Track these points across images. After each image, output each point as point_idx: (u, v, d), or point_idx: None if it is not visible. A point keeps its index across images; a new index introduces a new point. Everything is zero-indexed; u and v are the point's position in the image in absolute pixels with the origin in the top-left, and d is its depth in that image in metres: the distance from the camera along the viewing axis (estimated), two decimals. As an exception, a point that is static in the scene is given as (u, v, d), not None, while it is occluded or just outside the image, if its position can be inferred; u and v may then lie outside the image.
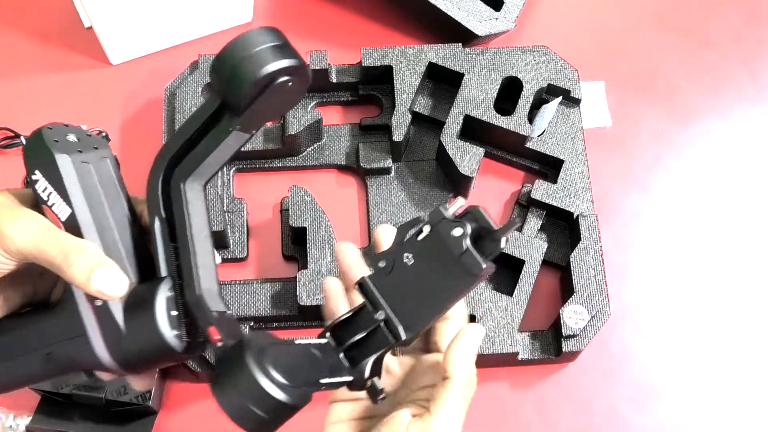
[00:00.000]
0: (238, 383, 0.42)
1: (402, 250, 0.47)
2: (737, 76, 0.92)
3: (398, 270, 0.47)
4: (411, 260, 0.47)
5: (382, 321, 0.47)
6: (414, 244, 0.47)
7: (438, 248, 0.46)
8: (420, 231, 0.47)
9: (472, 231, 0.45)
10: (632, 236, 0.84)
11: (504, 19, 0.89)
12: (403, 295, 0.47)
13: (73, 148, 0.45)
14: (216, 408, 0.77)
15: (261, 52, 0.42)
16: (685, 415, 0.78)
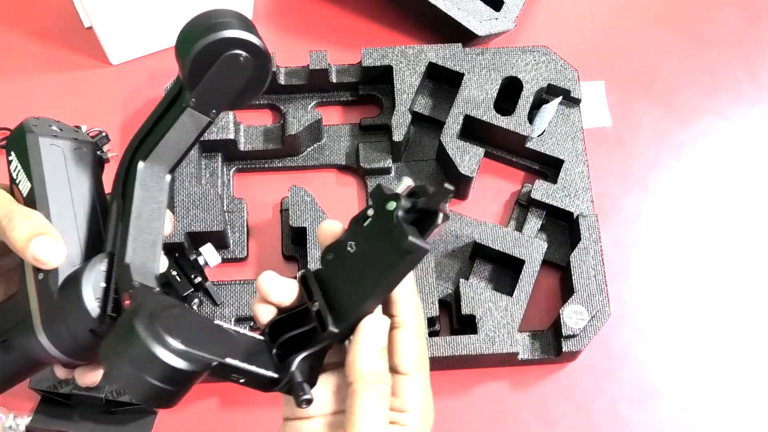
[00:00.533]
0: (127, 350, 0.38)
1: (347, 239, 0.44)
2: (737, 76, 0.92)
3: (341, 260, 0.44)
4: (353, 248, 0.43)
5: (315, 313, 0.43)
6: (357, 232, 0.43)
7: (376, 230, 0.42)
8: (366, 217, 0.43)
9: (410, 205, 0.41)
10: (632, 236, 0.84)
11: (504, 19, 0.89)
12: (341, 286, 0.43)
13: (48, 133, 0.46)
14: (216, 408, 0.77)
15: (214, 24, 0.42)
16: (685, 415, 0.78)
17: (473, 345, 0.74)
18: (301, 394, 0.42)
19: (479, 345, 0.74)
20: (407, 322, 0.45)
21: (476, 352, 0.74)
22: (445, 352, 0.74)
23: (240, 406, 0.77)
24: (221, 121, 0.81)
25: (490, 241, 0.78)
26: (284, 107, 0.87)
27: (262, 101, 0.88)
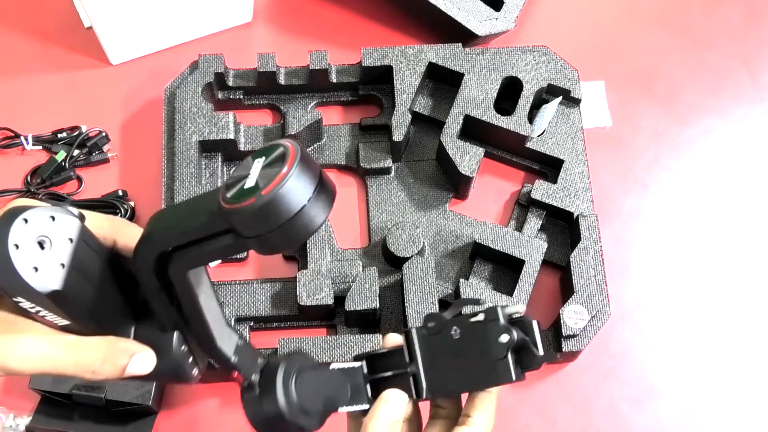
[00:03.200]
0: (263, 400, 0.50)
1: (453, 322, 0.50)
2: (737, 76, 0.92)
3: (443, 337, 0.50)
4: (457, 335, 0.50)
5: (411, 374, 0.51)
6: (464, 323, 0.50)
7: (483, 340, 0.49)
8: (475, 314, 0.50)
9: (516, 342, 0.48)
10: (632, 236, 0.84)
11: (504, 19, 0.89)
12: (438, 360, 0.51)
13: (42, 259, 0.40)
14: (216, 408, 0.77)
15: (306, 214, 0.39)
16: (685, 415, 0.78)
17: (473, 345, 0.74)
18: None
19: (479, 345, 0.74)
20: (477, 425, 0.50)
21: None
22: (445, 352, 0.74)
23: (240, 406, 0.77)
24: (221, 121, 0.81)
25: (490, 241, 0.78)
26: (284, 107, 0.87)
27: (262, 101, 0.88)
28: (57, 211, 0.41)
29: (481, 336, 0.49)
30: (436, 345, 0.51)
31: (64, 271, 0.40)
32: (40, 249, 0.40)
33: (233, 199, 0.37)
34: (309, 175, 0.38)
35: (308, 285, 0.76)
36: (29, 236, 0.39)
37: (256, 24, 0.93)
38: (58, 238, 0.40)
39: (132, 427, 0.74)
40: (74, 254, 0.41)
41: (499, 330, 0.48)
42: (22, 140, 0.85)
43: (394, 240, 0.78)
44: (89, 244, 0.43)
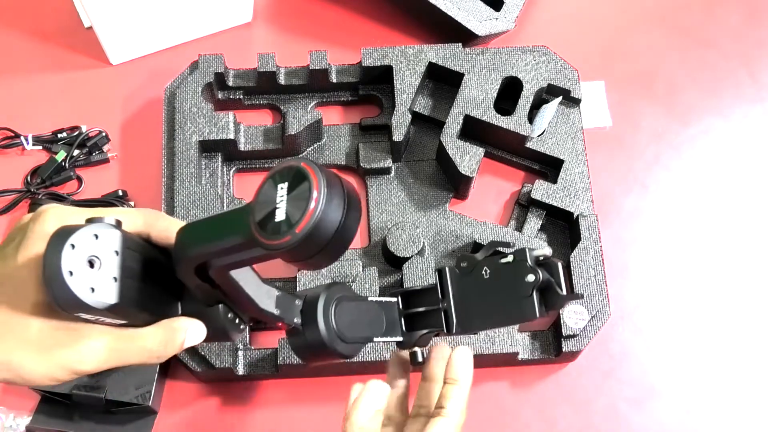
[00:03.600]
0: (305, 331, 0.51)
1: (484, 262, 0.54)
2: (737, 76, 0.92)
3: (474, 277, 0.55)
4: (487, 275, 0.54)
5: (443, 310, 0.56)
6: (494, 263, 0.54)
7: (511, 280, 0.53)
8: (504, 255, 0.54)
9: (542, 281, 0.52)
10: (632, 236, 0.84)
11: (504, 19, 0.89)
12: (468, 298, 0.55)
13: (96, 278, 0.42)
14: (216, 408, 0.77)
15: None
16: (685, 415, 0.78)
17: (473, 345, 0.74)
18: (418, 361, 0.57)
19: (479, 345, 0.74)
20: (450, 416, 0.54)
21: (476, 352, 0.74)
22: (445, 352, 0.74)
23: (240, 406, 0.77)
24: (221, 121, 0.81)
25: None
26: (284, 107, 0.87)
27: (262, 101, 0.88)
28: (98, 228, 0.42)
29: (509, 276, 0.53)
30: (467, 284, 0.55)
31: (117, 283, 0.42)
32: (92, 269, 0.41)
33: (268, 235, 0.38)
34: (336, 197, 0.38)
35: (308, 285, 0.76)
36: (80, 260, 0.41)
37: (256, 24, 0.93)
38: (105, 254, 0.42)
39: (132, 427, 0.74)
40: (122, 264, 0.43)
41: (527, 270, 0.52)
42: (22, 140, 0.85)
43: (394, 240, 0.78)
44: (132, 248, 0.44)
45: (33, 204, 0.81)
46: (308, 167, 0.39)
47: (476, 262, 0.55)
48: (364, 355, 0.73)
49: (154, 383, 0.73)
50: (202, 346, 0.73)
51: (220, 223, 0.43)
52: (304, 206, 0.38)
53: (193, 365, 0.74)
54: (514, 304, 0.53)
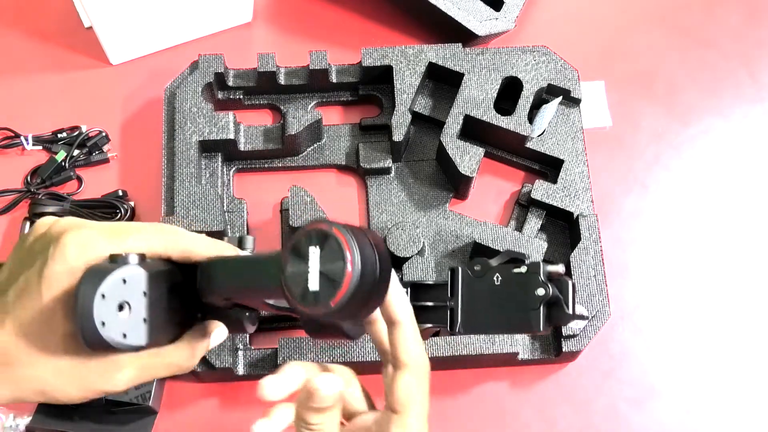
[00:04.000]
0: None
1: (498, 269, 0.56)
2: (737, 76, 0.92)
3: (485, 281, 0.56)
4: (498, 282, 0.55)
5: (450, 308, 0.57)
6: (507, 272, 0.55)
7: (521, 290, 0.54)
8: (518, 265, 0.55)
9: (551, 297, 0.53)
10: (632, 236, 0.84)
11: (504, 19, 0.89)
12: (476, 301, 0.56)
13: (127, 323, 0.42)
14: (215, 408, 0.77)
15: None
16: (685, 415, 0.78)
17: (473, 345, 0.74)
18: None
19: (479, 345, 0.74)
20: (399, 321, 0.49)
21: (476, 352, 0.74)
22: (445, 352, 0.74)
23: (240, 406, 0.77)
24: (221, 121, 0.81)
25: (490, 241, 0.78)
26: (284, 107, 0.87)
27: (262, 101, 0.88)
28: (126, 271, 0.42)
29: (520, 286, 0.54)
30: (477, 287, 0.56)
31: (147, 324, 0.43)
32: (122, 312, 0.42)
33: (304, 302, 0.39)
34: (368, 264, 0.39)
35: (308, 285, 0.75)
36: (111, 309, 0.41)
37: (256, 24, 0.93)
38: (134, 297, 0.42)
39: (132, 427, 0.74)
40: (149, 303, 0.43)
41: (538, 283, 0.54)
42: (22, 140, 0.85)
43: (394, 240, 0.78)
44: (156, 280, 0.44)
45: (33, 204, 0.81)
46: (342, 238, 0.39)
47: (489, 268, 0.56)
48: (364, 355, 0.73)
49: (154, 383, 0.73)
50: (202, 346, 0.73)
51: (251, 266, 0.45)
52: (338, 279, 0.38)
53: (193, 365, 0.74)
54: (521, 314, 0.54)
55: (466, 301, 0.57)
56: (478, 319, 0.56)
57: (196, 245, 0.46)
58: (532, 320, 0.54)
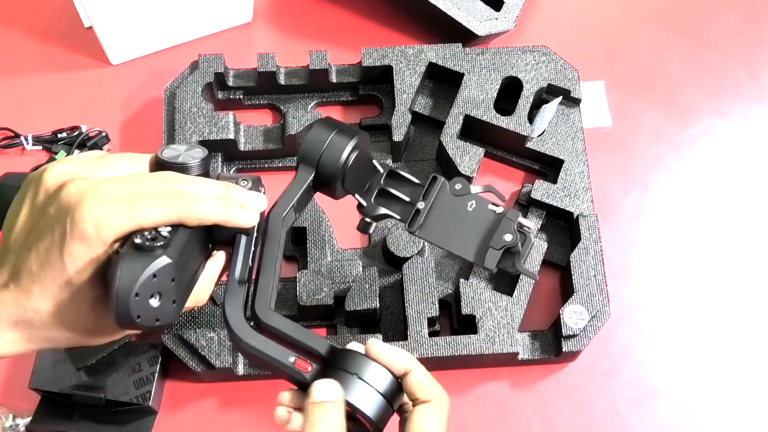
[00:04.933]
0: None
1: (475, 197, 0.59)
2: (737, 76, 0.92)
3: (459, 202, 0.59)
4: (470, 208, 0.58)
5: (416, 209, 0.59)
6: (482, 203, 0.58)
7: (489, 226, 0.58)
8: (495, 204, 0.58)
9: (513, 245, 0.57)
10: (632, 236, 0.84)
11: (504, 19, 0.89)
12: (443, 214, 0.58)
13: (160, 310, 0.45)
14: (215, 408, 0.77)
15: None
16: (685, 415, 0.78)
17: (473, 345, 0.74)
18: (367, 229, 0.62)
19: (479, 345, 0.74)
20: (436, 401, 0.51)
21: (476, 352, 0.74)
22: (445, 352, 0.74)
23: (240, 406, 0.77)
24: (221, 121, 0.81)
25: (490, 241, 0.78)
26: (284, 107, 0.87)
27: (262, 101, 0.88)
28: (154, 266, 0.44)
29: (490, 223, 0.58)
30: (449, 203, 0.59)
31: (177, 303, 0.46)
32: (153, 301, 0.44)
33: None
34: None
35: (308, 285, 0.76)
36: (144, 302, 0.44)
37: (256, 24, 0.93)
38: (164, 286, 0.45)
39: (132, 427, 0.74)
40: (178, 285, 0.46)
41: (510, 230, 0.57)
42: (22, 140, 0.85)
43: (394, 240, 0.78)
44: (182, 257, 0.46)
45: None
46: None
47: (468, 192, 0.59)
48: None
49: (154, 383, 0.73)
50: (202, 346, 0.73)
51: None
52: None
53: (193, 365, 0.74)
54: (479, 246, 0.57)
55: (434, 209, 0.59)
56: (437, 230, 0.59)
57: (209, 213, 0.47)
58: (488, 256, 0.57)
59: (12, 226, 0.46)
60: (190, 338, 0.73)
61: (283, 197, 0.56)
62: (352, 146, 0.57)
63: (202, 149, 0.51)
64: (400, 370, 0.51)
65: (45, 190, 0.46)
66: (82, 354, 0.73)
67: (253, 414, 0.76)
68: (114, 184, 0.45)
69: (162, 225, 0.45)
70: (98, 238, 0.43)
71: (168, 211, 0.45)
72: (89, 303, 0.45)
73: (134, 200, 0.44)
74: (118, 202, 0.44)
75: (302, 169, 0.57)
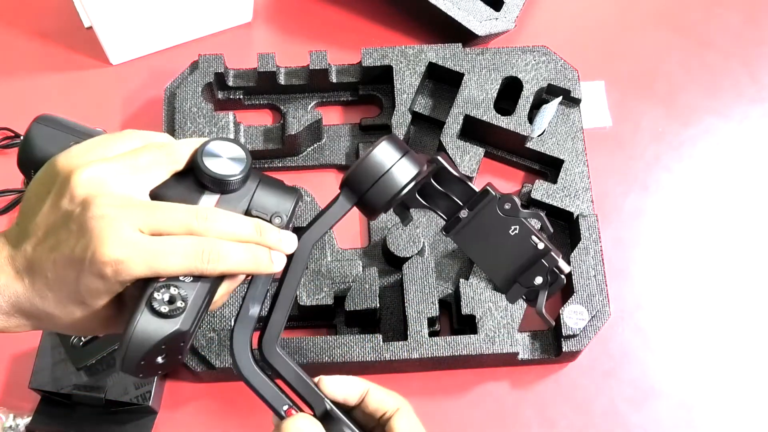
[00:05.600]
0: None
1: (520, 223, 0.54)
2: (737, 76, 0.92)
3: (503, 222, 0.54)
4: (512, 233, 0.54)
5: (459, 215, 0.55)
6: (526, 232, 0.54)
7: (525, 259, 0.54)
8: (539, 237, 0.54)
9: (540, 288, 0.54)
10: (632, 236, 0.84)
11: (504, 19, 0.89)
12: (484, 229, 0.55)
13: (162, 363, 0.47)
14: (216, 408, 0.77)
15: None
16: (685, 415, 0.78)
17: (473, 345, 0.74)
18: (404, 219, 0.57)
19: (479, 345, 0.74)
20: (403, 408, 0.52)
21: (476, 352, 0.74)
22: (445, 352, 0.74)
23: (240, 406, 0.77)
24: (221, 121, 0.81)
25: (490, 241, 0.78)
26: (284, 107, 0.87)
27: (262, 101, 0.88)
28: (168, 336, 0.44)
29: (527, 255, 0.54)
30: (493, 221, 0.54)
31: (185, 351, 0.47)
32: (162, 359, 0.45)
33: None
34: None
35: (308, 285, 0.76)
36: (151, 361, 0.44)
37: (256, 24, 0.93)
38: (173, 348, 0.45)
39: (132, 427, 0.74)
40: (189, 337, 0.46)
41: (543, 271, 0.53)
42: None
43: (394, 240, 0.78)
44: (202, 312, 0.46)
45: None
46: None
47: (516, 216, 0.54)
48: (364, 355, 0.73)
49: (154, 383, 0.73)
50: (202, 346, 0.73)
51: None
52: None
53: (193, 365, 0.74)
54: (509, 275, 0.54)
55: (476, 221, 0.55)
56: (473, 242, 0.56)
57: (234, 268, 0.46)
58: (513, 291, 0.54)
59: (32, 213, 0.46)
60: (190, 338, 0.73)
61: (317, 224, 0.52)
62: (407, 182, 0.52)
63: (245, 156, 0.48)
64: (358, 395, 0.52)
65: (70, 196, 0.44)
66: (82, 354, 0.73)
67: (253, 414, 0.76)
68: (141, 218, 0.44)
69: (183, 275, 0.45)
70: (115, 279, 0.43)
71: (191, 265, 0.45)
72: (100, 320, 0.46)
73: (158, 247, 0.44)
74: (141, 249, 0.43)
75: (344, 195, 0.52)
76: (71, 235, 0.44)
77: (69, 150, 0.47)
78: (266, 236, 0.47)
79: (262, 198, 0.49)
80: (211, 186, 0.47)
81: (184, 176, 0.48)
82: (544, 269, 0.53)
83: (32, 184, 0.47)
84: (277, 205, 0.49)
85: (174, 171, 0.47)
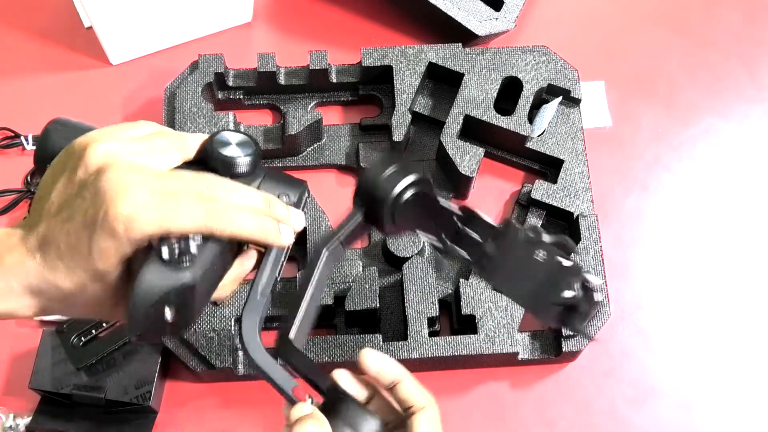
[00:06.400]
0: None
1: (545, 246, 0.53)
2: (737, 76, 0.92)
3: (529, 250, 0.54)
4: (539, 258, 0.53)
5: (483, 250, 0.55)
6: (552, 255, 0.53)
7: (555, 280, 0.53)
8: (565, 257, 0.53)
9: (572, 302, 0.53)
10: (632, 236, 0.84)
11: (504, 19, 0.89)
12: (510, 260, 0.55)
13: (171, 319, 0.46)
14: (216, 408, 0.77)
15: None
16: (685, 415, 0.78)
17: (473, 345, 0.74)
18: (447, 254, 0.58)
19: (479, 345, 0.74)
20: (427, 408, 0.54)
21: (476, 352, 0.74)
22: (445, 352, 0.74)
23: (240, 406, 0.77)
24: (221, 121, 0.81)
25: (490, 241, 0.78)
26: (284, 107, 0.87)
27: (262, 101, 0.88)
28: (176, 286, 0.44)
29: (556, 276, 0.53)
30: (519, 251, 0.54)
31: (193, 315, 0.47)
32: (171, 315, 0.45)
33: None
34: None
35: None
36: (159, 314, 0.44)
37: (256, 24, 0.93)
38: (182, 303, 0.45)
39: (132, 427, 0.74)
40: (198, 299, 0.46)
41: (570, 284, 0.52)
42: (22, 140, 0.85)
43: (394, 240, 0.78)
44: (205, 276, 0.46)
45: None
46: None
47: (540, 241, 0.54)
48: (364, 355, 0.73)
49: (154, 383, 0.73)
50: (202, 346, 0.73)
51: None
52: None
53: (193, 365, 0.74)
54: (542, 299, 0.54)
55: (502, 255, 0.55)
56: (501, 274, 0.56)
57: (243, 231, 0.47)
58: (549, 312, 0.53)
59: (47, 194, 0.46)
60: (190, 338, 0.73)
61: (334, 230, 0.56)
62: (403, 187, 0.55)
63: (253, 144, 0.50)
64: (393, 379, 0.54)
65: (85, 167, 0.45)
66: (82, 354, 0.73)
67: (253, 414, 0.76)
68: (153, 182, 0.45)
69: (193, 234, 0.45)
70: (126, 237, 0.43)
71: (201, 224, 0.45)
72: (110, 289, 0.46)
73: (169, 206, 0.44)
74: (152, 206, 0.44)
75: (356, 204, 0.57)
76: (85, 201, 0.44)
77: (86, 134, 0.48)
78: (275, 208, 0.49)
79: (269, 184, 0.50)
80: (222, 170, 0.48)
81: (194, 166, 0.48)
82: (570, 282, 0.53)
83: (48, 169, 0.48)
84: (284, 190, 0.51)
85: (186, 159, 0.48)
